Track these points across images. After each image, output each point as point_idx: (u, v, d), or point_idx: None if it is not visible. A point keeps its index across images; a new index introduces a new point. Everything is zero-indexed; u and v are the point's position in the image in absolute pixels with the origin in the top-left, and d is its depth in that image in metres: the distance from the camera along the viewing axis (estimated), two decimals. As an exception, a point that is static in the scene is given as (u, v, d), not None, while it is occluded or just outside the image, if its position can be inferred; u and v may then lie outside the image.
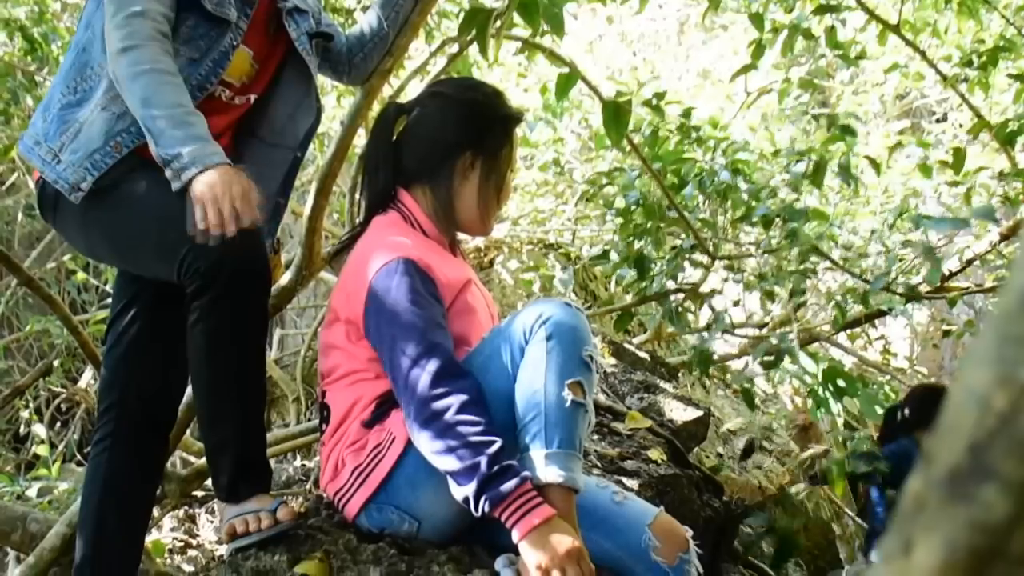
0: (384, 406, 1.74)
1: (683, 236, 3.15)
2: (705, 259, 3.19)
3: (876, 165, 3.29)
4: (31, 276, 2.27)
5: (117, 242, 1.85)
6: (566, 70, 2.39)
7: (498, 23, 2.05)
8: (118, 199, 1.78)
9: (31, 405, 5.13)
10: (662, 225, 3.00)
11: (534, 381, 1.59)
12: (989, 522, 0.37)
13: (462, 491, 1.55)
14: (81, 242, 1.97)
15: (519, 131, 1.99)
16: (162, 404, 1.94)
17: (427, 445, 1.58)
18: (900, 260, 3.49)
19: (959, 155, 3.06)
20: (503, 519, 1.53)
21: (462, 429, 1.54)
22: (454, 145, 1.88)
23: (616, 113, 2.37)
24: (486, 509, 1.53)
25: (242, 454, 1.72)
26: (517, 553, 1.56)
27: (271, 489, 1.81)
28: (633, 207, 3.07)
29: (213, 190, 1.61)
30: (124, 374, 1.94)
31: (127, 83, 1.68)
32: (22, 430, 5.09)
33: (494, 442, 1.54)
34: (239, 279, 1.65)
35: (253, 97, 2.01)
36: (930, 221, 2.35)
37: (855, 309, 3.69)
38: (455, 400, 1.56)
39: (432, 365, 1.60)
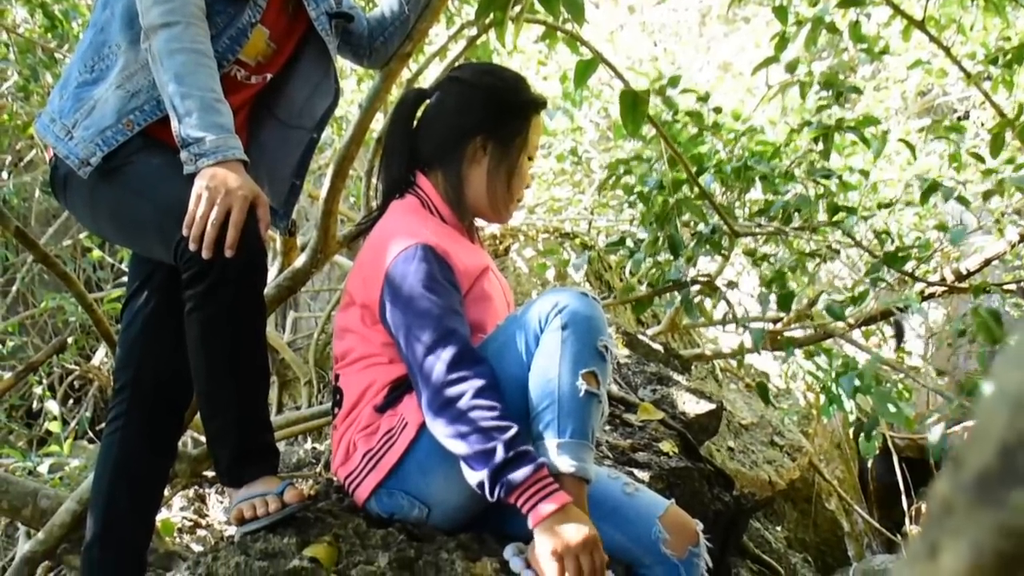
0: (397, 391, 1.74)
1: (700, 226, 3.13)
2: (725, 242, 3.17)
3: (912, 148, 3.26)
4: (47, 253, 2.27)
5: (122, 221, 1.85)
6: (586, 57, 2.37)
7: (517, 8, 2.04)
8: (125, 179, 1.77)
9: (44, 382, 5.16)
10: (681, 207, 2.98)
11: (548, 370, 1.59)
12: (1018, 527, 0.36)
13: (477, 476, 1.54)
14: (88, 220, 1.97)
15: (538, 118, 1.96)
16: (176, 383, 1.92)
17: (442, 431, 1.57)
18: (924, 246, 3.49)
19: (997, 140, 3.01)
20: (518, 505, 1.52)
21: (477, 414, 1.54)
22: (467, 130, 1.87)
23: (634, 102, 2.34)
24: (501, 495, 1.52)
25: (241, 441, 1.71)
26: (527, 541, 1.56)
27: (281, 471, 1.80)
28: (655, 191, 3.05)
29: (219, 187, 1.60)
30: (139, 353, 1.94)
31: (163, 58, 1.67)
32: (35, 406, 5.12)
33: (510, 427, 1.53)
34: (234, 267, 1.64)
35: (268, 76, 2.01)
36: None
37: (871, 305, 3.67)
38: (470, 386, 1.56)
39: (448, 352, 1.59)
